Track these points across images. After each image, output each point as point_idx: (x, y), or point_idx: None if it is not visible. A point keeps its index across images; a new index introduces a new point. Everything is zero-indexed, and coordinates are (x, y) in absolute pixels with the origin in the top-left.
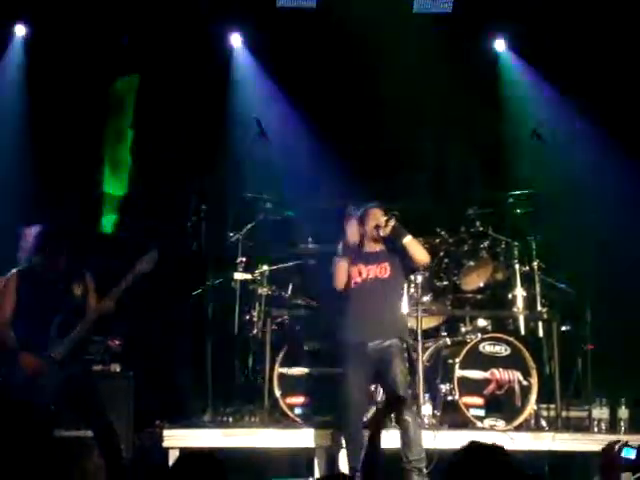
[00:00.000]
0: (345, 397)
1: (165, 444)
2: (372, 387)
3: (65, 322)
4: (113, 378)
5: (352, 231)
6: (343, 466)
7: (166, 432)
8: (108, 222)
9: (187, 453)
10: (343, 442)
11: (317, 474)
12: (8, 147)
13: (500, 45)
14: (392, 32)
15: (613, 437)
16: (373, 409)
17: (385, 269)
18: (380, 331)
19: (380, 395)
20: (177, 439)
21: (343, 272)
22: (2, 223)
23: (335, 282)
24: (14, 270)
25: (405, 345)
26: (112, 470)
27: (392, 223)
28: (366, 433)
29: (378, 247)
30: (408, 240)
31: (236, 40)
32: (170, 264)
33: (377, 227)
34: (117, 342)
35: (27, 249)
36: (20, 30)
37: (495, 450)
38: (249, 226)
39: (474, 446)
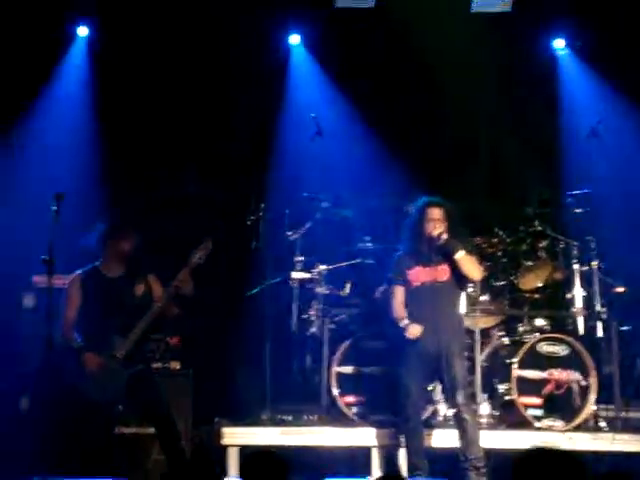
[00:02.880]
0: (405, 393)
1: (224, 442)
2: (430, 385)
3: (127, 321)
4: (172, 376)
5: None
6: (400, 465)
7: (225, 430)
8: None
9: (253, 452)
10: (401, 440)
11: (375, 473)
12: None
13: (559, 43)
14: (450, 31)
15: None
16: (432, 407)
17: (444, 271)
18: (439, 334)
19: (439, 393)
20: (236, 437)
21: (400, 302)
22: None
23: (393, 313)
24: (78, 271)
25: (465, 344)
26: (173, 466)
27: (445, 237)
28: (426, 431)
29: (437, 247)
30: (460, 256)
31: (295, 40)
32: (229, 262)
33: (431, 237)
34: (176, 340)
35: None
36: (82, 31)
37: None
38: (307, 225)
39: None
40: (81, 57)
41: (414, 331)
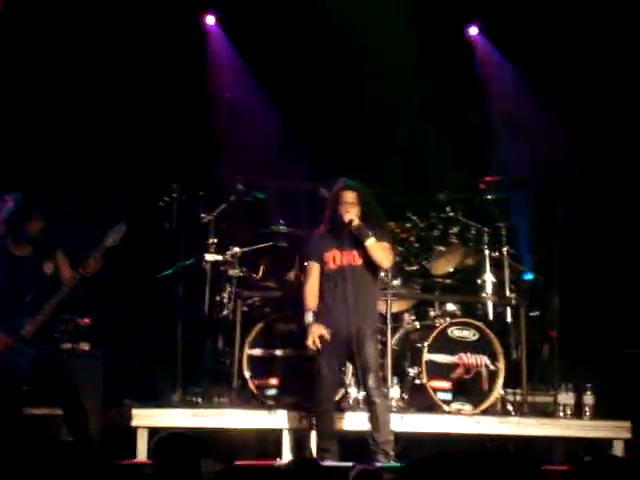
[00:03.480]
0: (317, 377)
1: (133, 423)
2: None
3: (35, 300)
4: (82, 357)
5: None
6: (311, 447)
7: (135, 411)
8: None
9: (164, 434)
10: (312, 423)
11: (286, 456)
12: None
13: (474, 30)
14: (367, 15)
15: (578, 422)
16: (343, 390)
17: (359, 256)
18: (353, 318)
19: (349, 377)
20: (146, 418)
21: (313, 285)
22: None
23: (303, 297)
24: None
25: (377, 328)
26: (80, 448)
27: (355, 224)
28: (336, 414)
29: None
30: (370, 243)
31: (211, 20)
32: (141, 243)
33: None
34: (86, 320)
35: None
36: None
37: None
38: (221, 207)
39: None
40: None
41: (313, 338)
